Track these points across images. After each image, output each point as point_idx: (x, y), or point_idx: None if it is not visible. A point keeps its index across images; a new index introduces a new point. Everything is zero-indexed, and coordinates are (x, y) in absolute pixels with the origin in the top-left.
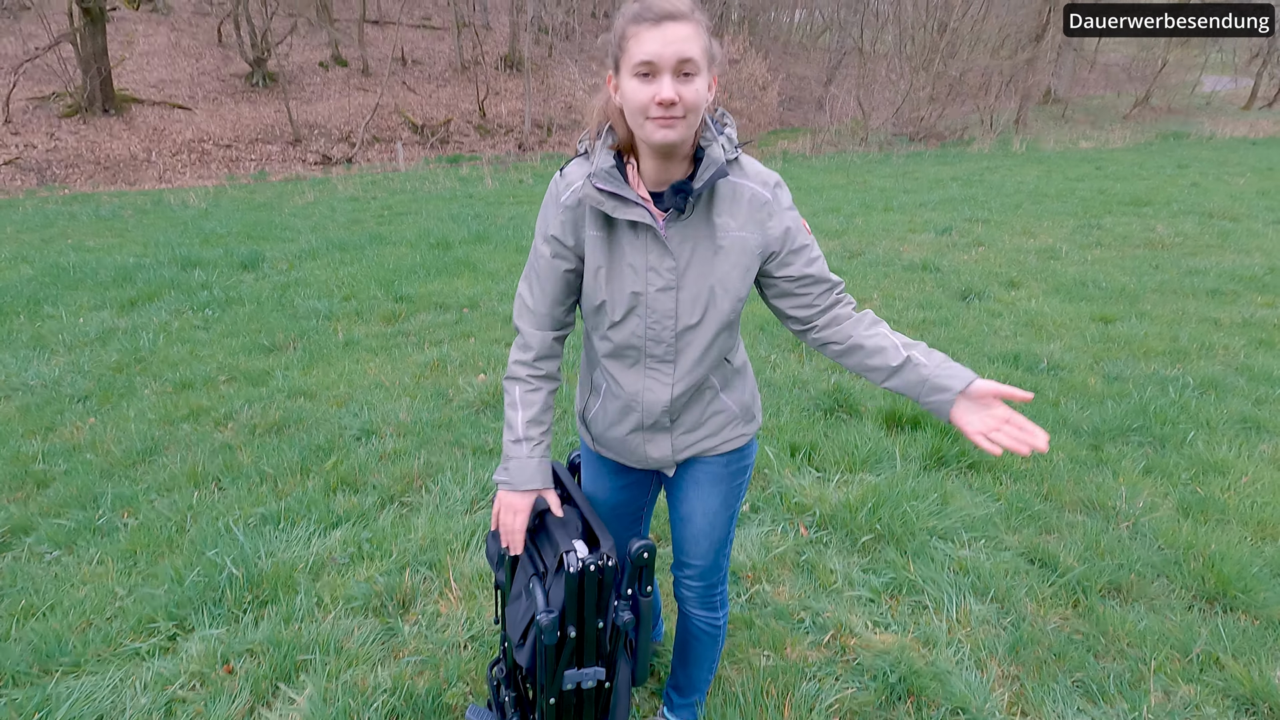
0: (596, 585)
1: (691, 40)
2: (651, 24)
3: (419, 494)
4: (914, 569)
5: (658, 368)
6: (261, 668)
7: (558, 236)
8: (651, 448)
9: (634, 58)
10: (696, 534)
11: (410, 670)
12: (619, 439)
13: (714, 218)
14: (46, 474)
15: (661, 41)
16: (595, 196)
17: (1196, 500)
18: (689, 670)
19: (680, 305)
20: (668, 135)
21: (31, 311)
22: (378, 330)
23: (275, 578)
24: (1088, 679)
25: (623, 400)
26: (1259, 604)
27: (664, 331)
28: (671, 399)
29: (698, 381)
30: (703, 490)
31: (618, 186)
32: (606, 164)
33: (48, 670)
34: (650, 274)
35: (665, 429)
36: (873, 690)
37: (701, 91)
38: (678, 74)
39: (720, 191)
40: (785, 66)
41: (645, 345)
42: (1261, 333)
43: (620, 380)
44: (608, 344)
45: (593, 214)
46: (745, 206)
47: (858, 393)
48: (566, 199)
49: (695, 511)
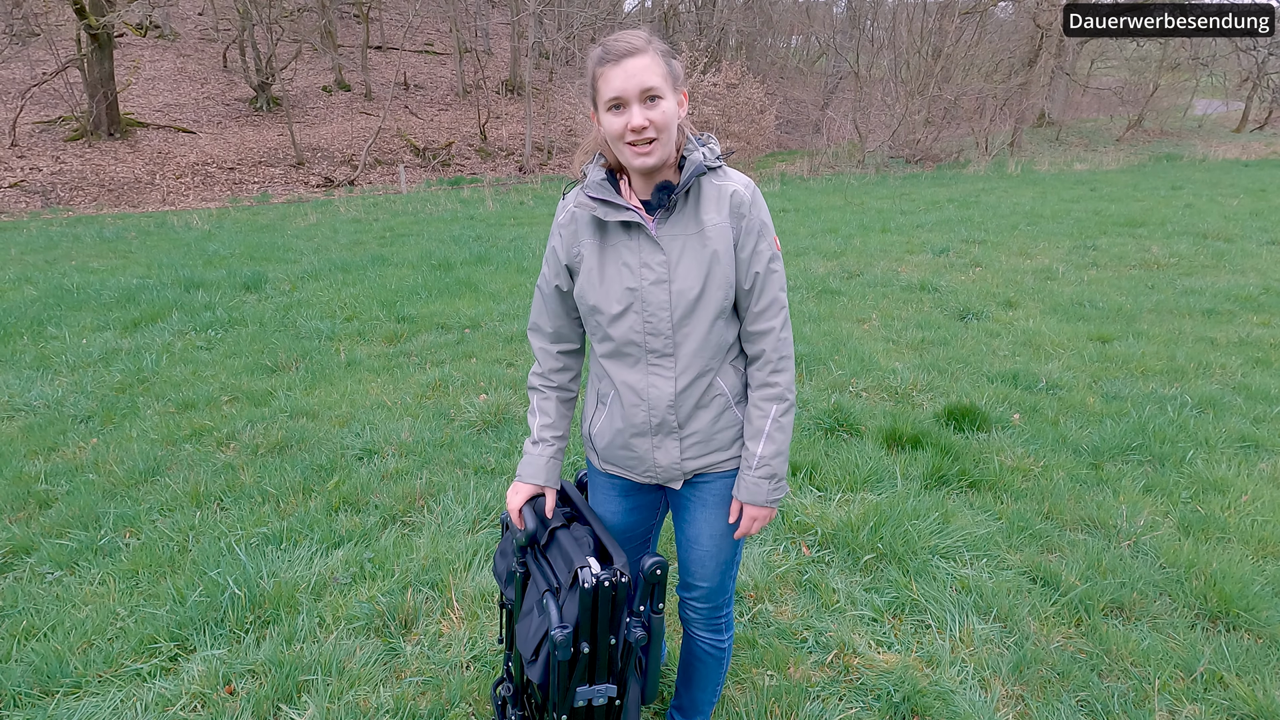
0: (610, 601)
1: (650, 70)
2: (614, 63)
3: (421, 514)
4: (916, 588)
5: (659, 363)
6: (263, 688)
7: (556, 251)
8: (660, 454)
9: (604, 95)
10: (704, 556)
11: (412, 691)
12: (625, 447)
13: (701, 215)
14: (49, 494)
15: (624, 77)
16: (588, 204)
17: (1197, 519)
18: (693, 693)
19: (674, 297)
20: (645, 161)
21: (35, 332)
22: (380, 350)
23: (277, 598)
24: (1092, 698)
25: (628, 402)
26: (1262, 622)
27: (661, 324)
28: (675, 393)
29: (700, 373)
30: (710, 512)
31: (608, 194)
32: (598, 177)
33: (49, 691)
34: (644, 270)
35: (673, 431)
36: (877, 711)
37: (669, 111)
38: (643, 101)
39: (705, 191)
40: (782, 90)
41: (645, 341)
42: (1258, 352)
43: (625, 381)
44: (609, 344)
45: (586, 224)
46: (728, 201)
47: (858, 412)
48: (562, 219)
49: (703, 534)
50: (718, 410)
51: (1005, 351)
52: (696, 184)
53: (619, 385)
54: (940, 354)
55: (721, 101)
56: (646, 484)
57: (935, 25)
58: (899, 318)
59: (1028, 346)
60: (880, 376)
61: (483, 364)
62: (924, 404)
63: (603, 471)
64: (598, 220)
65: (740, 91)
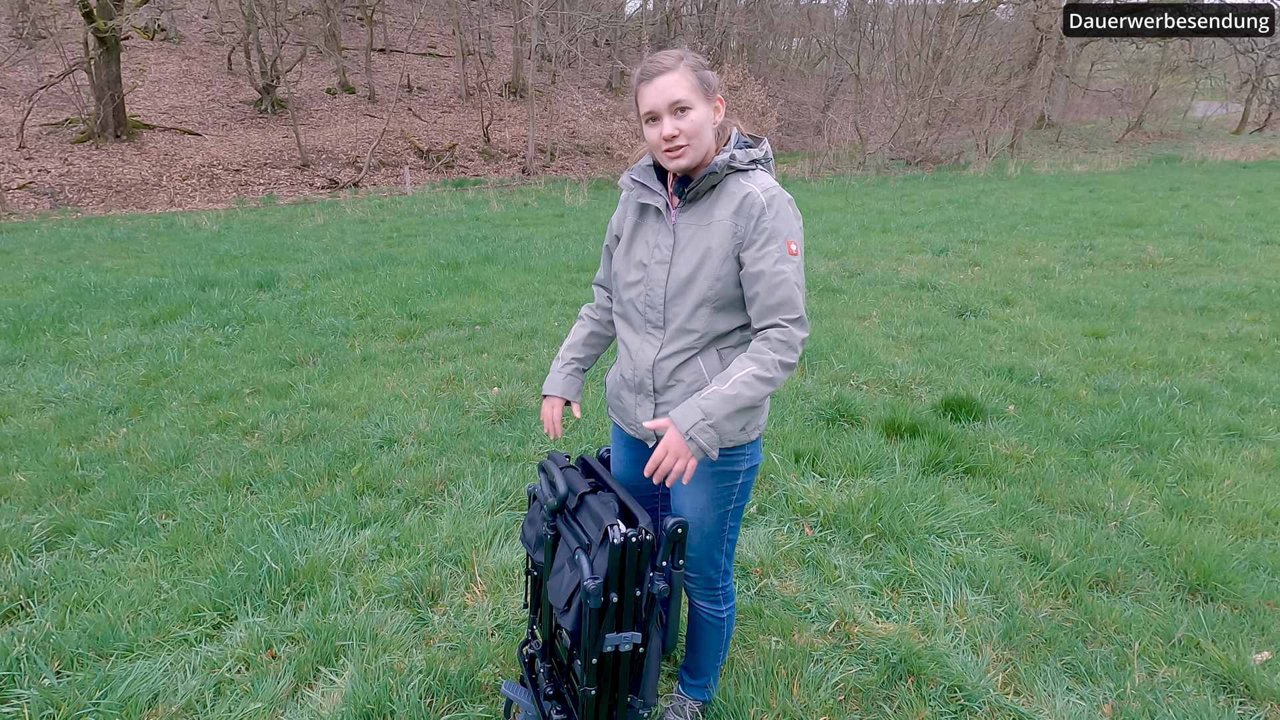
0: (636, 556)
1: (678, 85)
2: (647, 82)
3: (442, 497)
4: (913, 564)
5: (652, 332)
6: (303, 652)
7: (614, 218)
8: (640, 411)
9: (642, 110)
10: (687, 528)
11: (442, 655)
12: (618, 397)
13: (713, 211)
14: (85, 479)
15: (655, 93)
16: (628, 183)
17: (1181, 501)
18: (697, 656)
19: (670, 278)
20: (678, 163)
21: (57, 329)
22: (394, 346)
23: (311, 572)
24: (1076, 661)
25: (624, 358)
26: (1238, 594)
27: (655, 299)
28: (655, 360)
29: (681, 349)
30: (689, 486)
31: (647, 179)
32: (645, 163)
33: (104, 654)
34: (656, 250)
35: (650, 394)
36: (875, 671)
37: (697, 120)
38: (674, 112)
39: (729, 189)
40: (784, 93)
41: (644, 310)
42: (1247, 347)
43: (626, 340)
44: (620, 305)
45: (634, 204)
46: (741, 203)
47: (859, 404)
48: (623, 195)
49: (684, 507)
50: (691, 388)
51: (1002, 347)
52: (723, 182)
53: (622, 342)
54: (938, 349)
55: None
56: (640, 440)
57: (935, 28)
58: (899, 315)
59: (1024, 342)
60: (880, 370)
61: (494, 359)
62: (922, 396)
63: (612, 420)
64: (641, 203)
65: (742, 94)
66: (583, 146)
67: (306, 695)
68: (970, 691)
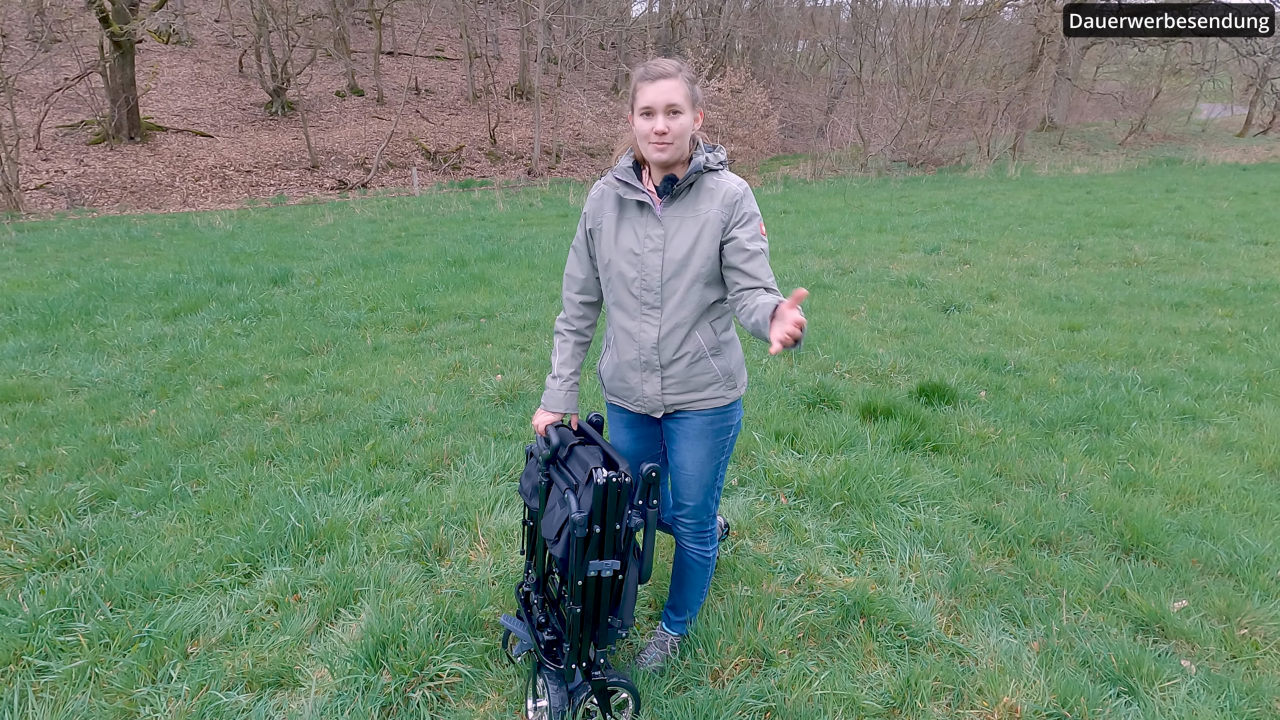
0: (616, 496)
1: (676, 91)
2: (650, 82)
3: (448, 470)
4: (876, 528)
5: (649, 313)
6: (325, 596)
7: (586, 216)
8: (647, 387)
9: (640, 103)
10: (688, 479)
11: (449, 599)
12: (621, 379)
13: (697, 204)
14: (121, 452)
15: (656, 92)
16: (615, 183)
17: (1129, 475)
18: (684, 593)
19: (665, 263)
20: (661, 155)
21: (84, 321)
22: (403, 337)
23: (330, 530)
24: (1014, 608)
25: (624, 343)
26: (1166, 552)
27: (652, 282)
28: (658, 337)
29: (678, 324)
30: (692, 443)
31: (631, 179)
32: (627, 164)
33: (150, 596)
34: (646, 239)
35: (656, 369)
36: (832, 614)
37: (684, 124)
38: (667, 113)
39: (706, 185)
40: (787, 95)
41: (641, 295)
42: (1215, 339)
43: (623, 326)
44: (613, 295)
45: (611, 201)
46: (721, 196)
47: (840, 390)
48: (594, 194)
49: (687, 461)
50: (694, 358)
51: (981, 339)
52: (698, 180)
53: (619, 329)
54: (920, 341)
55: (726, 106)
56: (642, 415)
57: (938, 31)
58: (886, 310)
59: (1002, 334)
60: (863, 360)
61: (498, 349)
62: (900, 383)
63: (610, 405)
64: (620, 198)
65: (745, 96)
66: (588, 148)
67: (329, 630)
68: (915, 630)
